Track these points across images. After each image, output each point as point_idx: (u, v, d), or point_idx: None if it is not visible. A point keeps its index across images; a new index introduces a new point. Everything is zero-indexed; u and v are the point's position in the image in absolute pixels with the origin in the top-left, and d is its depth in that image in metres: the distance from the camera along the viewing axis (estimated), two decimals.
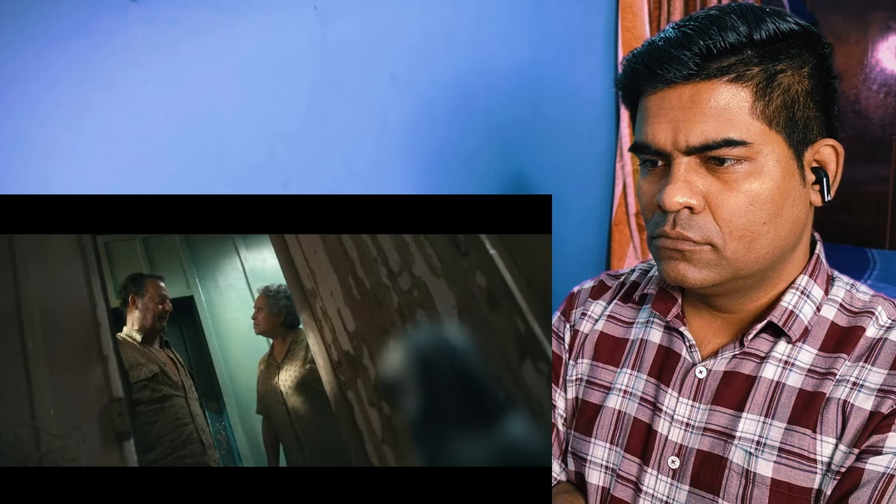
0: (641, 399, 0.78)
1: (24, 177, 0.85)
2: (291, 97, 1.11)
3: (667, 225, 0.68)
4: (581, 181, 1.86)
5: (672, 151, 0.66)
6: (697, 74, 0.64)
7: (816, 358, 0.69)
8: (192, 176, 1.00)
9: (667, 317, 0.78)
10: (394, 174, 1.28)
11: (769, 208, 0.65)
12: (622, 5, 1.84)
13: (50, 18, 0.85)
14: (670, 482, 0.73)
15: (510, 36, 1.53)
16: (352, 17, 1.17)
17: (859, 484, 0.62)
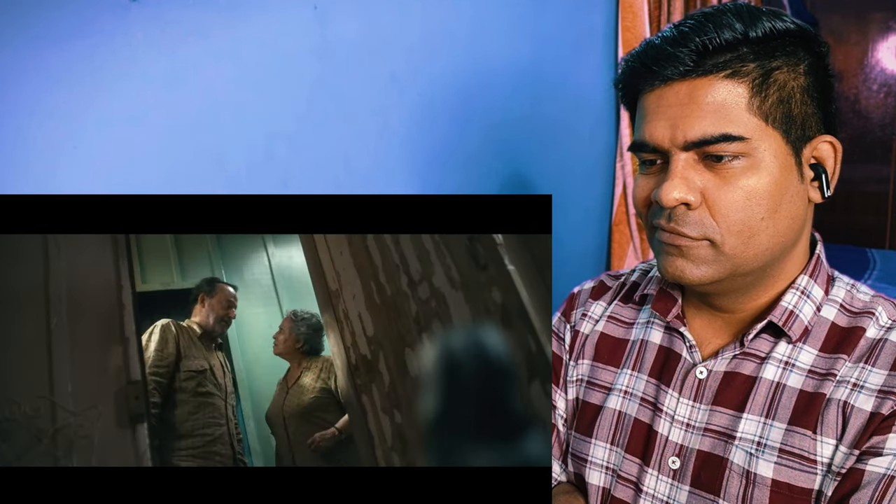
0: (642, 400, 0.78)
1: (24, 176, 0.85)
2: (291, 97, 1.11)
3: (663, 219, 0.68)
4: (581, 181, 1.86)
5: (670, 148, 0.67)
6: (694, 71, 0.65)
7: (817, 359, 0.69)
8: (192, 176, 1.00)
9: (667, 317, 0.78)
10: (394, 174, 1.28)
11: (767, 204, 0.65)
12: (622, 5, 1.84)
13: (50, 18, 0.85)
14: (671, 483, 0.73)
15: (510, 36, 1.53)
16: (352, 17, 1.17)
17: (860, 485, 0.62)
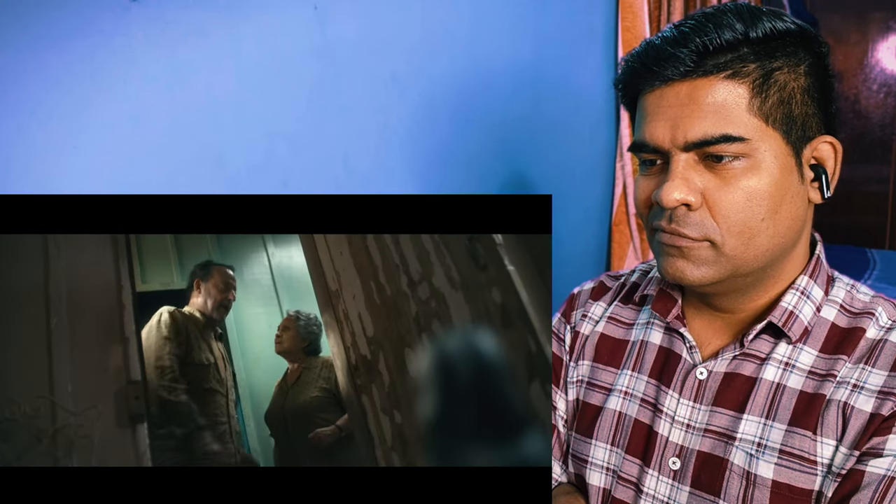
0: (642, 400, 0.78)
1: (24, 176, 0.85)
2: (291, 97, 1.11)
3: (663, 220, 0.68)
4: (581, 181, 1.86)
5: (670, 149, 0.67)
6: (694, 71, 0.64)
7: (817, 359, 0.69)
8: (192, 176, 1.00)
9: (667, 318, 0.78)
10: (394, 174, 1.28)
11: (767, 205, 0.65)
12: (622, 5, 1.84)
13: (50, 18, 0.85)
14: (671, 483, 0.73)
15: (510, 36, 1.53)
16: (352, 17, 1.17)
17: (860, 486, 0.62)
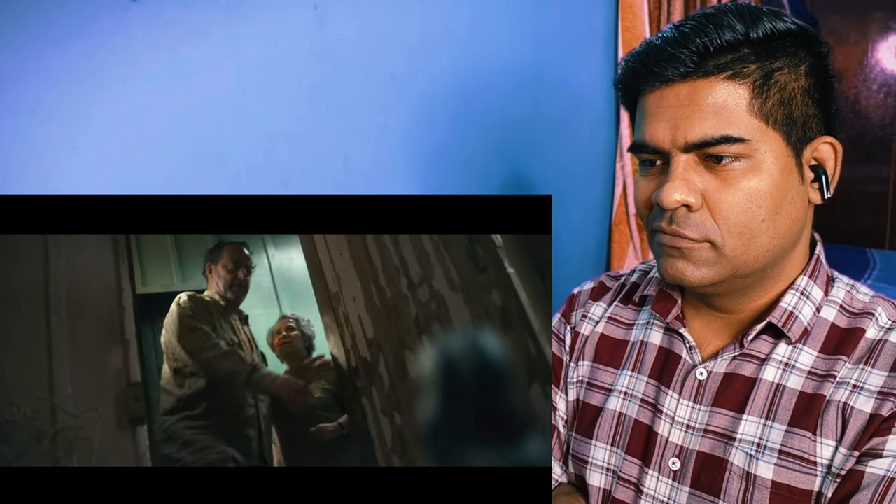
0: (642, 401, 0.78)
1: (24, 176, 0.85)
2: (291, 97, 1.11)
3: (663, 221, 0.68)
4: (581, 181, 1.86)
5: (670, 149, 0.66)
6: (695, 72, 0.64)
7: (816, 360, 0.69)
8: (192, 176, 1.00)
9: (666, 318, 0.78)
10: (394, 174, 1.28)
11: (767, 205, 0.65)
12: (622, 5, 1.84)
13: (50, 18, 0.85)
14: (671, 484, 0.73)
15: (510, 36, 1.52)
16: (352, 17, 1.17)
17: (859, 487, 0.62)
